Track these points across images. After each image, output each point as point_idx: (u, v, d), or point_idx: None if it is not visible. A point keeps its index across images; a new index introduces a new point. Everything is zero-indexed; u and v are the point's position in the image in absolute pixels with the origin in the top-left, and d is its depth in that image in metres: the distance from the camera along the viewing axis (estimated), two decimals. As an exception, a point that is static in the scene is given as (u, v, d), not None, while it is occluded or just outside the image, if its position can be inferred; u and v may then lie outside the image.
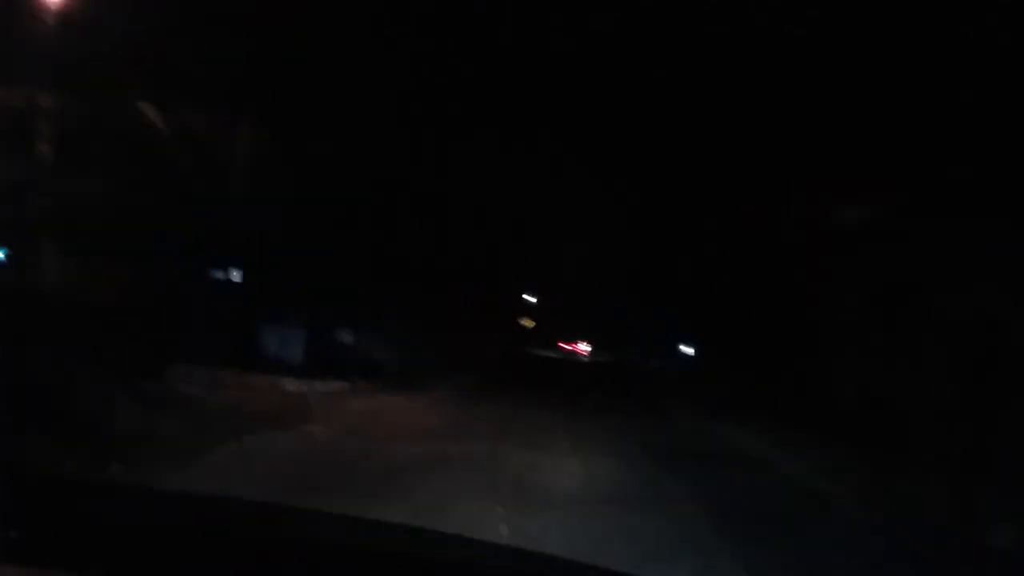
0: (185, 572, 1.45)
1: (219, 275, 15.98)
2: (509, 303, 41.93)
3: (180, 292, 13.21)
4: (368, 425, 10.35)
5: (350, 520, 1.95)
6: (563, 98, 26.11)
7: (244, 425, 8.56)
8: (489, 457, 8.48)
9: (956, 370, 11.64)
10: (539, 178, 28.36)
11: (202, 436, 7.66)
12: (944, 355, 12.18)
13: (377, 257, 18.46)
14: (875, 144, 13.92)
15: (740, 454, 11.57)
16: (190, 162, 13.07)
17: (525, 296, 49.21)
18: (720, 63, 18.66)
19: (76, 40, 9.79)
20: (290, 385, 12.93)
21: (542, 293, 51.44)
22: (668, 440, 12.40)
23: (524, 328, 48.97)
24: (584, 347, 62.55)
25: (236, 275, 16.08)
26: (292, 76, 14.12)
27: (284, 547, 1.56)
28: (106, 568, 1.39)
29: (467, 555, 1.72)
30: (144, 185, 11.86)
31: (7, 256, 10.99)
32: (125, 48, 10.74)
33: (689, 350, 39.75)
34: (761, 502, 8.03)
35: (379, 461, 7.78)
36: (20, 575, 1.33)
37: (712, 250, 26.34)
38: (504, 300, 38.54)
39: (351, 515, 1.90)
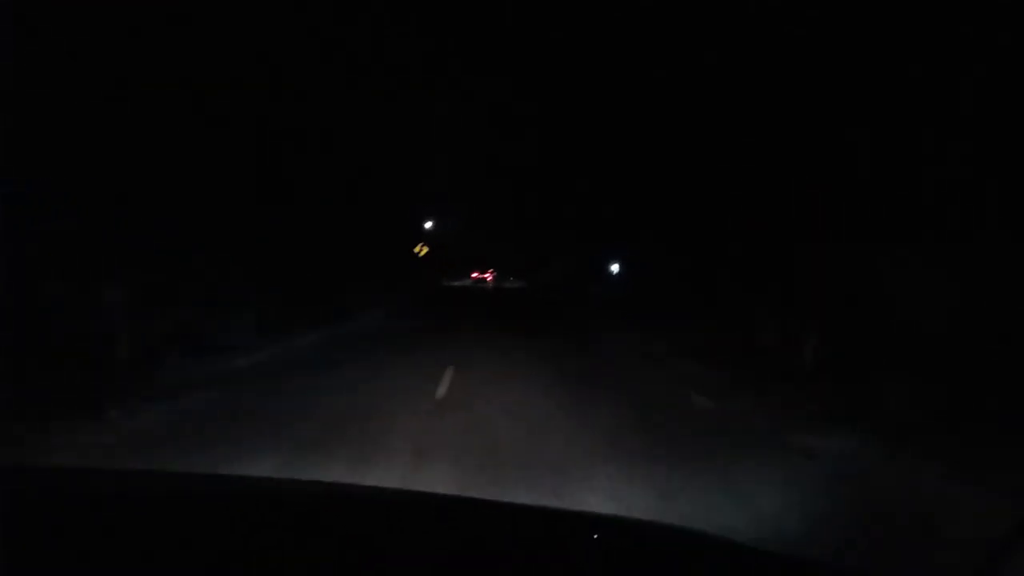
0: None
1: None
2: (405, 232, 36.48)
3: None
4: None
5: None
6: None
7: None
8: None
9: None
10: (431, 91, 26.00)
11: None
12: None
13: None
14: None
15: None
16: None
17: (427, 224, 43.77)
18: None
19: None
20: None
21: (441, 219, 46.79)
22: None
23: (419, 256, 42.57)
24: (491, 275, 64.68)
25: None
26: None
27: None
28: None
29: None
30: None
31: None
32: None
33: (615, 268, 34.03)
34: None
35: None
36: None
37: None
38: (398, 229, 33.30)
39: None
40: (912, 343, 9.51)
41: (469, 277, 63.94)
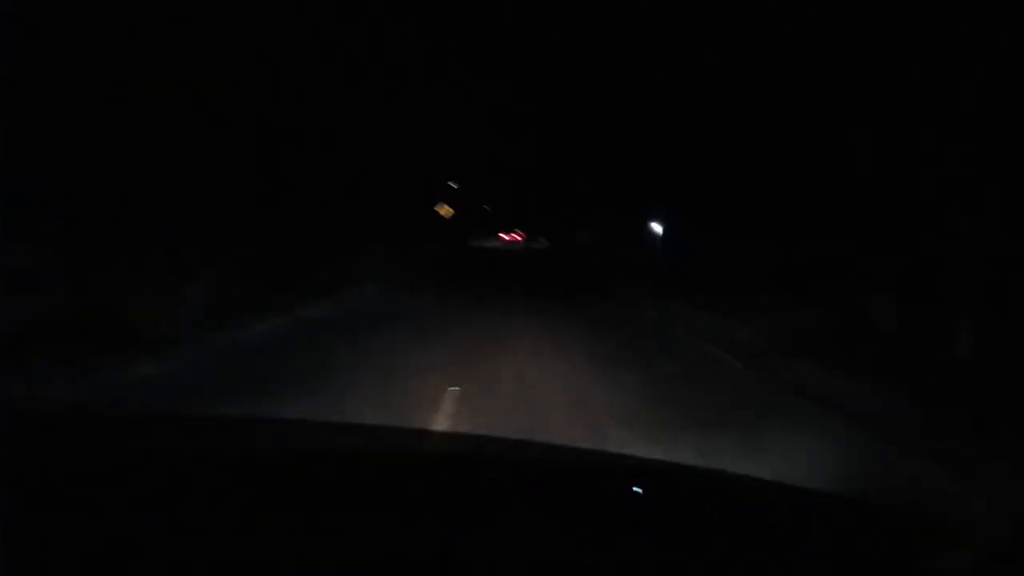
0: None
1: None
2: (421, 193, 34.10)
3: None
4: None
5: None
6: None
7: None
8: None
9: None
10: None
11: None
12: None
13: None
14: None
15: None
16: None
17: (450, 183, 41.80)
18: None
19: None
20: None
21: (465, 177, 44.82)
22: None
23: (443, 218, 39.41)
24: (519, 236, 61.83)
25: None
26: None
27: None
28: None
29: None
30: None
31: None
32: None
33: (660, 228, 27.55)
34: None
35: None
36: None
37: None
38: (413, 190, 31.12)
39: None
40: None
41: (497, 238, 60.23)
